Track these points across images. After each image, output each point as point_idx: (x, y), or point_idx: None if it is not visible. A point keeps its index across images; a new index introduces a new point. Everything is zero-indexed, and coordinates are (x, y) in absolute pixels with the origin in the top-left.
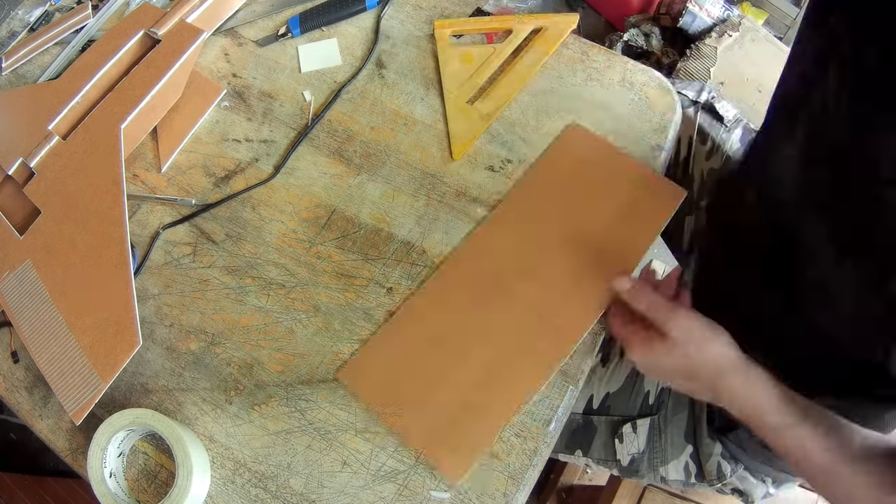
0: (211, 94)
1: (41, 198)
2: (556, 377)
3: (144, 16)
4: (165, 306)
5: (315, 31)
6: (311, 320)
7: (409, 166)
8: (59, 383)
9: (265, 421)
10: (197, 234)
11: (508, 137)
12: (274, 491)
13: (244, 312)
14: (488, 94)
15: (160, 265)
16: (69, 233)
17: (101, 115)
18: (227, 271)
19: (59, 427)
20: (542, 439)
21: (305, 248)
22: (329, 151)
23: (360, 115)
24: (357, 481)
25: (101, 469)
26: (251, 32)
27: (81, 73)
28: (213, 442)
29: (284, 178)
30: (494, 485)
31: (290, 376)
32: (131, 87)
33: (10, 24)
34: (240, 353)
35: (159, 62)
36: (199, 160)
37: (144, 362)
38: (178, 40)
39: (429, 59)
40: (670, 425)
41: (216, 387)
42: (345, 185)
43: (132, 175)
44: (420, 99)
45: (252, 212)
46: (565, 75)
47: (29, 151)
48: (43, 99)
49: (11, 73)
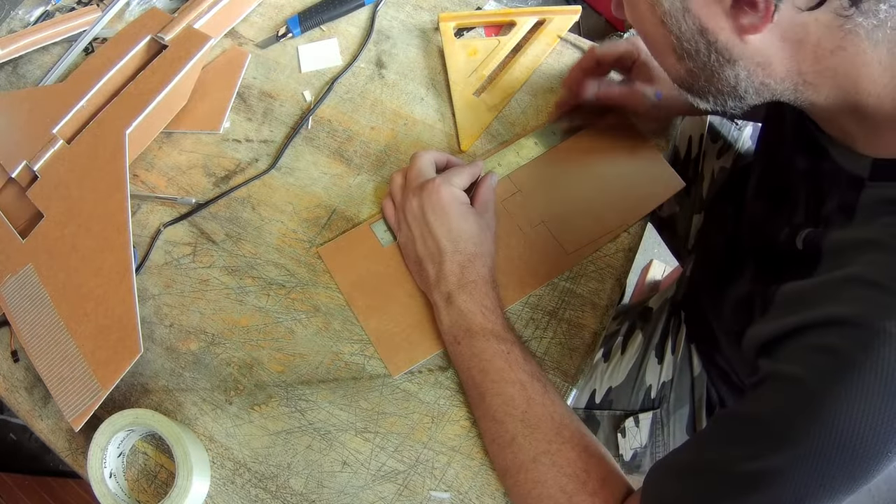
0: (238, 59)
1: (44, 202)
2: (555, 377)
3: (151, 21)
4: (165, 306)
5: (315, 31)
6: (311, 320)
7: None
8: (58, 389)
9: (265, 421)
10: (197, 234)
11: (508, 137)
12: (274, 491)
13: (244, 312)
14: (494, 86)
15: (160, 265)
16: (72, 237)
17: (107, 119)
18: (227, 271)
19: (59, 427)
20: None
21: (305, 248)
22: (329, 151)
23: (361, 115)
24: (357, 481)
25: (101, 469)
26: (251, 33)
27: (87, 76)
28: (213, 442)
29: (284, 178)
30: (494, 485)
31: (290, 376)
32: (137, 93)
33: (10, 23)
34: (240, 353)
35: (166, 68)
36: (200, 160)
37: (144, 362)
38: (185, 46)
39: (429, 58)
40: (672, 419)
41: (216, 387)
42: (345, 185)
43: (132, 175)
44: (420, 99)
45: (252, 212)
46: (565, 75)
47: (33, 154)
48: (48, 102)
49: (12, 72)
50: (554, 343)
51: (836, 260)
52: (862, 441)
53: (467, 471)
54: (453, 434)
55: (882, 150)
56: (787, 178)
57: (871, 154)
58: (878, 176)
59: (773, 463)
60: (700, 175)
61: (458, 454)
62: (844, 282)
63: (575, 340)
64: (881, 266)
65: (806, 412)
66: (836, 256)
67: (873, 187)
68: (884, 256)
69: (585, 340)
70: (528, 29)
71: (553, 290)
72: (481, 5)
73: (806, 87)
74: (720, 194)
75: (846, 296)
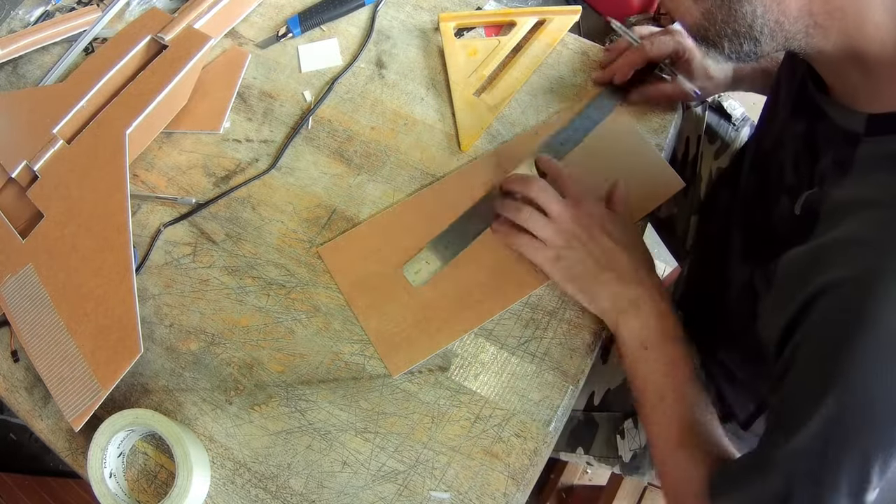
0: (238, 59)
1: (44, 202)
2: (555, 377)
3: (151, 21)
4: (165, 306)
5: (315, 31)
6: (311, 320)
7: (410, 166)
8: (58, 389)
9: (265, 421)
10: (197, 234)
11: (508, 137)
12: (274, 491)
13: (244, 312)
14: (494, 86)
15: (160, 265)
16: (72, 237)
17: (107, 120)
18: (227, 271)
19: (59, 427)
20: (542, 439)
21: (305, 248)
22: (329, 151)
23: (361, 115)
24: (357, 481)
25: (101, 469)
26: (251, 33)
27: (87, 76)
28: (213, 442)
29: (284, 178)
30: (494, 485)
31: (290, 376)
32: (137, 93)
33: (11, 23)
34: (240, 354)
35: (166, 68)
36: (200, 160)
37: (144, 362)
38: (185, 46)
39: (429, 58)
40: None
41: (216, 387)
42: (345, 185)
43: (132, 175)
44: (420, 99)
45: (252, 212)
46: (565, 75)
47: (33, 154)
48: (48, 102)
49: (12, 72)
50: (554, 343)
51: (832, 220)
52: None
53: (467, 471)
54: (453, 434)
55: (879, 105)
56: (782, 144)
57: (869, 111)
58: (874, 131)
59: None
60: (698, 176)
61: (458, 454)
62: (839, 243)
63: (575, 340)
64: (875, 224)
65: (824, 379)
66: (832, 217)
67: (869, 142)
68: (878, 213)
69: (585, 340)
70: (528, 29)
71: (553, 290)
72: (481, 5)
73: (816, 30)
74: (717, 182)
75: (840, 259)
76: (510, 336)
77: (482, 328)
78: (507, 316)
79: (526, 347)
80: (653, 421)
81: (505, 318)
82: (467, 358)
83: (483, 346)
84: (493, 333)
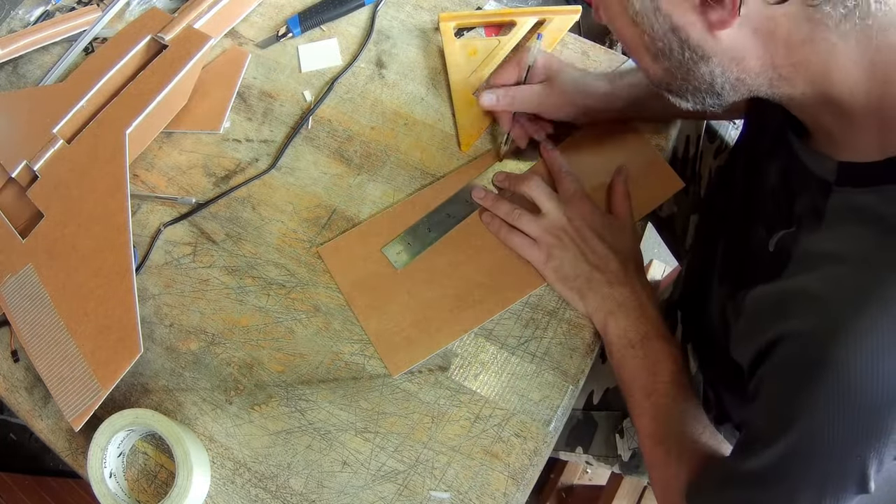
0: (238, 59)
1: (44, 201)
2: (555, 377)
3: (151, 21)
4: (165, 306)
5: (315, 31)
6: (311, 320)
7: (410, 166)
8: (58, 389)
9: (265, 421)
10: (197, 233)
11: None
12: (274, 491)
13: (244, 312)
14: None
15: (160, 265)
16: (72, 237)
17: (107, 119)
18: (227, 271)
19: (59, 427)
20: (542, 439)
21: (305, 248)
22: (329, 151)
23: (361, 115)
24: (357, 481)
25: (101, 469)
26: (251, 33)
27: (87, 76)
28: (213, 442)
29: (284, 178)
30: (494, 485)
31: (290, 376)
32: (137, 93)
33: (11, 23)
34: (240, 353)
35: (166, 68)
36: (200, 160)
37: (144, 362)
38: (185, 46)
39: (430, 58)
40: None
41: (216, 387)
42: (345, 185)
43: (132, 175)
44: (420, 99)
45: (252, 212)
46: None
47: (33, 154)
48: (48, 101)
49: (12, 72)
50: (554, 343)
51: (802, 266)
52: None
53: (467, 471)
54: (453, 434)
55: (852, 153)
56: (762, 177)
57: (842, 158)
58: (844, 181)
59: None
60: (698, 175)
61: (458, 454)
62: (803, 294)
63: (575, 340)
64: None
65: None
66: (802, 263)
67: (840, 192)
68: (843, 270)
69: (585, 340)
70: (528, 29)
71: (553, 290)
72: (481, 5)
73: (781, 82)
74: (716, 181)
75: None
76: (510, 336)
77: (482, 328)
78: (507, 316)
79: (526, 347)
80: (640, 417)
81: (505, 318)
82: (467, 358)
83: (483, 346)
84: (493, 333)
